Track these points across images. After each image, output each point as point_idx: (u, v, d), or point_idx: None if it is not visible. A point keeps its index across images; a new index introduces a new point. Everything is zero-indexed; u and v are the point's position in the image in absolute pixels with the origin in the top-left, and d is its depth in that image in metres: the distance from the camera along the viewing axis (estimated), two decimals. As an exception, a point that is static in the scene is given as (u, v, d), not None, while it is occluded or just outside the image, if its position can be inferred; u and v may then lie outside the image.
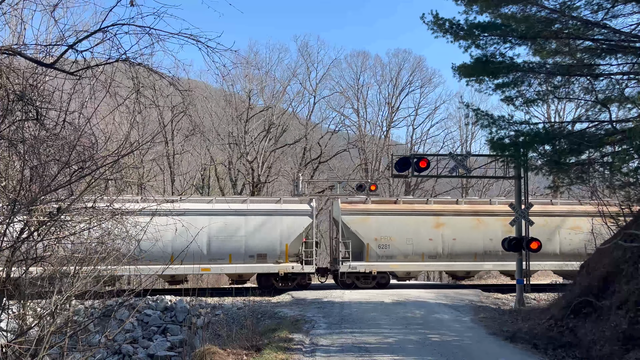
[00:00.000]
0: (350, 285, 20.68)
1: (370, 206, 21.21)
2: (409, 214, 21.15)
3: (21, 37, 11.43)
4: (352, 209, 21.12)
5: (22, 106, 7.23)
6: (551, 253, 21.18)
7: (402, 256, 20.78)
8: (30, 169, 7.13)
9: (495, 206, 21.79)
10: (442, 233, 21.00)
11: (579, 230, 20.98)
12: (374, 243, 20.65)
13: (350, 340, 11.74)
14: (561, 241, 21.53)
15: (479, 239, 21.17)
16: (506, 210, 21.25)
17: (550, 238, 21.24)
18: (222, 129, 39.06)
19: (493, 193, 44.28)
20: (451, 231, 21.07)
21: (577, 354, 10.32)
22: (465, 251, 21.10)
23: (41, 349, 6.17)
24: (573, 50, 13.30)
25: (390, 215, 20.97)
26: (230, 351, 10.74)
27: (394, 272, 21.75)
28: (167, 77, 7.88)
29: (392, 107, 45.08)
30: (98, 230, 8.04)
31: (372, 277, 20.74)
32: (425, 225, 21.03)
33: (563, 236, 21.53)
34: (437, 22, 13.44)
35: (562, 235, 21.55)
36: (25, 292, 7.23)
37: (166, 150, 35.90)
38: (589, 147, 12.77)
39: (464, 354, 10.46)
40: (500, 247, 20.92)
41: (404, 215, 21.06)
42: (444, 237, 21.00)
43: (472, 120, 28.25)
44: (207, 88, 39.65)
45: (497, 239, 20.73)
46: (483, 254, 21.18)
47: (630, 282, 10.53)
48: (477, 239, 21.18)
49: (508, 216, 21.06)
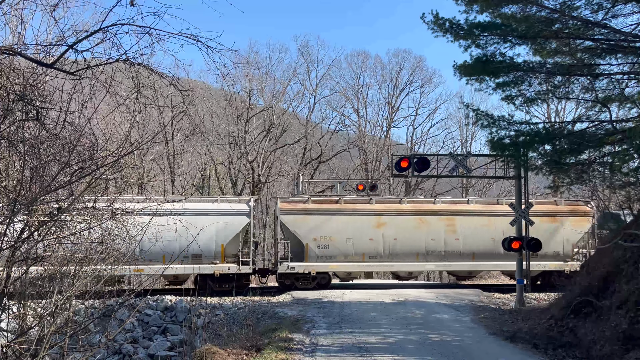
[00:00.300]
0: (289, 287, 20.21)
1: (310, 205, 20.72)
2: (350, 213, 20.69)
3: (21, 37, 11.41)
4: (292, 209, 20.65)
5: (23, 106, 7.23)
6: (495, 253, 20.83)
7: (342, 256, 20.38)
8: (31, 169, 7.13)
9: (438, 205, 21.45)
10: (383, 233, 20.56)
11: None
12: (313, 243, 20.20)
13: (350, 340, 11.74)
14: None
15: (421, 238, 20.80)
16: (450, 210, 21.26)
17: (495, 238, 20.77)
18: (222, 129, 39.06)
19: (493, 193, 44.27)
20: (392, 231, 20.65)
21: (577, 353, 10.32)
22: (406, 251, 20.70)
23: (41, 349, 6.17)
24: (573, 50, 13.30)
25: (330, 215, 20.53)
26: (230, 351, 10.75)
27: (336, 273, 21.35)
28: (167, 77, 7.89)
29: (392, 107, 45.09)
30: (98, 230, 8.04)
31: (311, 277, 20.31)
32: (366, 224, 20.60)
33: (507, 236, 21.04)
34: (437, 22, 13.45)
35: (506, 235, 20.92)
36: (25, 292, 7.23)
37: (166, 150, 35.91)
38: (589, 147, 12.77)
39: (464, 354, 10.46)
40: (443, 247, 20.94)
41: (344, 214, 20.61)
42: (385, 237, 20.56)
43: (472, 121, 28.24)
44: (207, 88, 39.67)
45: (440, 238, 20.66)
46: (425, 254, 20.82)
47: (630, 282, 10.54)
48: (419, 239, 20.80)
49: (451, 215, 21.12)
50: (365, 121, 45.14)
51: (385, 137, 44.73)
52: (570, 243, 21.10)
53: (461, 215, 21.22)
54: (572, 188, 21.70)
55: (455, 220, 21.11)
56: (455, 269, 22.09)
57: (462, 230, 20.94)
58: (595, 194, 19.08)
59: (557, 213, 21.47)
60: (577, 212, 21.56)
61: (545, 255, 20.83)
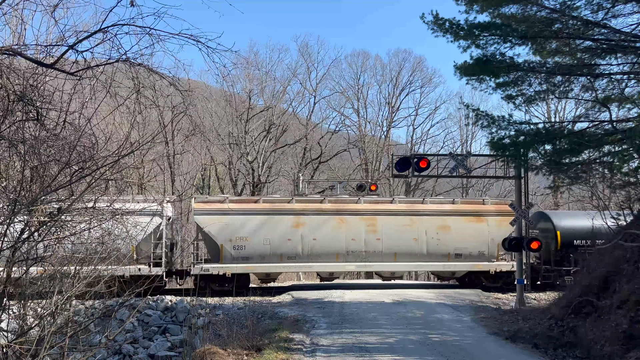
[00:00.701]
0: (204, 288, 19.35)
1: (227, 205, 20.08)
2: (268, 213, 20.07)
3: (21, 37, 11.43)
4: (207, 209, 19.98)
5: (23, 106, 7.24)
6: (418, 253, 20.55)
7: (259, 257, 19.68)
8: (31, 169, 7.14)
9: (360, 205, 20.91)
10: (302, 233, 19.98)
11: (447, 230, 20.57)
12: (229, 244, 19.48)
13: (350, 340, 11.74)
14: (428, 241, 20.65)
15: (341, 238, 20.20)
16: (372, 209, 20.71)
17: (417, 238, 20.61)
18: (223, 129, 39.07)
19: (493, 193, 44.26)
20: (312, 231, 20.09)
21: (578, 353, 10.32)
22: (326, 251, 20.13)
23: (42, 349, 6.18)
24: (573, 50, 13.31)
25: (247, 215, 19.93)
26: (230, 351, 10.75)
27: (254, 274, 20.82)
28: (167, 77, 7.90)
29: (392, 107, 45.09)
30: (98, 231, 8.05)
31: (227, 279, 19.64)
32: (285, 225, 19.98)
33: (430, 236, 20.67)
34: (437, 22, 13.45)
35: (429, 235, 20.69)
36: (25, 292, 7.24)
37: (166, 150, 35.90)
38: (589, 147, 12.77)
39: (465, 353, 10.46)
40: (363, 247, 20.34)
41: (262, 214, 19.98)
42: (304, 237, 19.97)
43: (472, 121, 28.28)
44: (207, 88, 39.68)
45: (360, 238, 20.19)
46: (346, 254, 20.32)
47: (631, 282, 10.54)
48: (339, 239, 20.18)
49: (373, 215, 20.59)
50: (365, 121, 45.19)
51: (386, 137, 44.74)
52: (496, 243, 20.53)
53: (383, 214, 20.63)
54: (572, 188, 21.63)
55: (377, 219, 20.54)
56: (377, 270, 21.65)
57: (384, 230, 20.42)
58: (595, 194, 19.02)
59: (483, 212, 21.13)
60: (502, 212, 21.05)
61: (470, 256, 20.58)
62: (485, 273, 20.79)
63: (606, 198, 19.79)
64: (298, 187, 24.62)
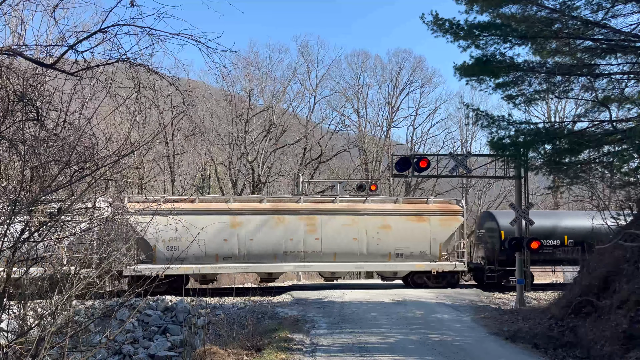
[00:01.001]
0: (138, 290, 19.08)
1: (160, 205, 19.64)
2: (204, 213, 19.44)
3: (21, 37, 11.43)
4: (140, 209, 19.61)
5: (23, 107, 7.24)
6: (357, 253, 20.31)
7: (193, 258, 18.80)
8: (31, 170, 7.13)
9: (299, 204, 20.58)
10: (239, 233, 19.63)
11: (389, 229, 20.39)
12: (162, 244, 18.90)
13: (350, 340, 11.74)
14: (368, 241, 20.42)
15: (279, 239, 19.85)
16: (311, 209, 20.37)
17: (357, 238, 20.34)
18: (223, 129, 39.07)
19: (493, 193, 44.27)
20: (249, 231, 19.75)
21: (578, 353, 10.32)
22: (263, 252, 19.79)
23: (42, 349, 6.18)
24: (573, 50, 13.31)
25: (183, 215, 18.91)
26: (230, 351, 10.75)
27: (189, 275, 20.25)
28: (167, 77, 7.90)
29: (392, 107, 45.09)
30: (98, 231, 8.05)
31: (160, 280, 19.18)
32: (221, 224, 19.49)
33: (371, 235, 20.43)
34: (437, 22, 13.45)
35: (369, 234, 20.43)
36: (25, 292, 7.24)
37: (166, 150, 35.90)
38: (589, 146, 12.77)
39: (465, 353, 10.46)
40: (302, 247, 20.01)
41: (198, 214, 19.22)
42: (240, 237, 19.55)
43: (472, 121, 28.27)
44: (207, 88, 39.67)
45: (299, 238, 19.89)
46: (284, 255, 20.01)
47: (631, 282, 10.54)
48: (277, 239, 19.83)
49: (312, 214, 20.24)
50: (365, 121, 45.18)
51: (386, 137, 44.73)
52: (438, 243, 20.55)
53: (323, 214, 20.28)
54: (571, 188, 21.62)
55: (316, 219, 20.23)
56: (315, 270, 21.42)
57: (324, 229, 20.13)
58: (595, 194, 19.01)
59: (425, 212, 20.93)
60: (445, 211, 21.02)
61: (412, 255, 20.40)
62: (428, 273, 20.62)
63: (606, 198, 19.79)
64: (298, 187, 24.62)
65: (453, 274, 20.90)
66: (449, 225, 21.00)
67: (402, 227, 20.45)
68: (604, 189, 18.46)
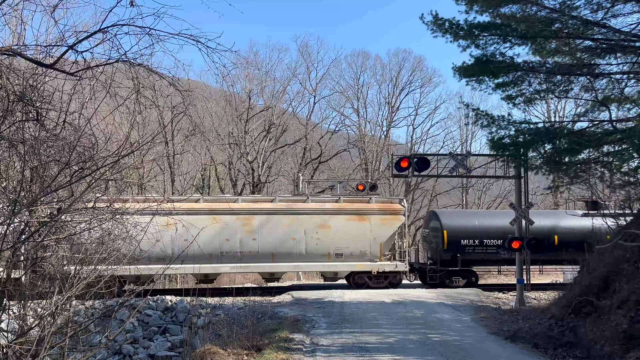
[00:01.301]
0: None
1: None
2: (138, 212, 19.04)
3: (21, 37, 11.45)
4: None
5: (22, 107, 7.23)
6: (296, 254, 20.07)
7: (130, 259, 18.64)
8: (31, 170, 7.13)
9: (237, 204, 20.37)
10: (172, 233, 18.94)
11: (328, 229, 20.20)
12: None
13: (350, 340, 11.74)
14: (307, 241, 20.17)
15: (214, 239, 19.33)
16: (248, 209, 20.02)
17: (296, 238, 20.04)
18: (222, 129, 39.08)
19: (493, 193, 44.27)
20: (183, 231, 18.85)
21: (578, 353, 10.32)
22: (198, 253, 18.77)
23: (42, 349, 6.18)
24: (573, 50, 13.32)
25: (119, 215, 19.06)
26: (230, 351, 10.75)
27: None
28: (167, 77, 7.89)
29: (392, 107, 45.07)
30: (98, 231, 8.05)
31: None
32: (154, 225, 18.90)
33: (310, 235, 20.18)
34: (436, 22, 13.46)
35: (308, 234, 20.19)
36: (25, 292, 7.24)
37: (166, 150, 35.90)
38: (589, 146, 12.78)
39: (465, 353, 10.47)
40: (238, 248, 19.64)
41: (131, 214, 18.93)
42: (174, 238, 18.97)
43: (472, 120, 28.27)
44: (207, 88, 39.68)
45: (235, 239, 19.61)
46: (220, 255, 19.68)
47: (631, 282, 10.53)
48: (212, 240, 19.27)
49: (249, 214, 19.89)
50: (365, 121, 45.17)
51: (385, 137, 44.73)
52: (378, 243, 20.34)
53: (261, 214, 20.03)
54: (571, 188, 21.62)
55: (254, 219, 19.97)
56: (253, 271, 21.13)
57: (261, 229, 19.89)
58: (595, 194, 19.00)
59: (365, 211, 20.72)
60: (386, 211, 20.81)
61: (352, 256, 20.21)
62: (369, 273, 20.47)
63: (606, 198, 19.79)
64: (298, 187, 24.60)
65: (395, 274, 20.71)
66: (390, 224, 20.75)
67: (342, 227, 20.23)
68: (604, 189, 18.45)
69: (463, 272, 21.34)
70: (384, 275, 20.64)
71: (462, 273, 21.33)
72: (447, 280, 21.13)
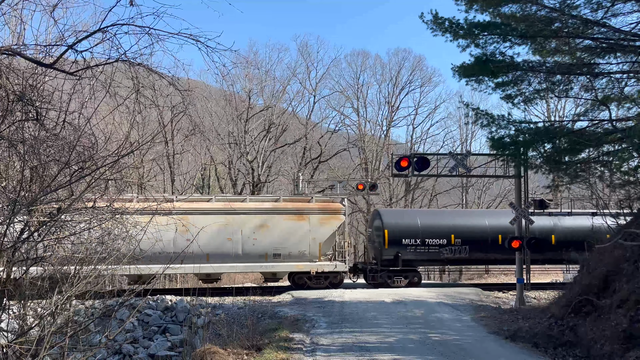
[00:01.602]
0: None
1: None
2: None
3: (21, 37, 11.41)
4: None
5: (22, 106, 7.23)
6: (232, 254, 19.78)
7: None
8: (31, 169, 7.13)
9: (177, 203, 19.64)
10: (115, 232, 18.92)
11: (266, 229, 19.97)
12: None
13: (350, 339, 11.74)
14: (244, 241, 19.95)
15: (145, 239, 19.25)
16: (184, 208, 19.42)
17: (232, 238, 19.72)
18: (222, 129, 39.07)
19: (493, 192, 44.24)
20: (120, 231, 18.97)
21: (578, 352, 10.32)
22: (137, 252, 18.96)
23: (42, 349, 6.17)
24: (573, 49, 13.31)
25: None
26: (230, 351, 10.75)
27: None
28: (166, 77, 7.89)
29: (392, 107, 45.05)
30: (98, 230, 8.05)
31: None
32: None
33: (246, 236, 19.94)
34: (436, 21, 13.45)
35: (245, 234, 19.91)
36: (25, 292, 7.23)
37: (166, 150, 35.91)
38: (589, 145, 12.78)
39: (465, 353, 10.46)
40: (172, 248, 19.22)
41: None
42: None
43: (471, 120, 28.27)
44: (207, 88, 39.67)
45: (169, 239, 19.05)
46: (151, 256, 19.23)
47: (631, 281, 10.53)
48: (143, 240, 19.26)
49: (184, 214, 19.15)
50: (365, 120, 45.14)
51: (385, 136, 44.72)
52: (318, 242, 20.04)
53: (196, 213, 19.48)
54: (570, 187, 21.60)
55: (188, 219, 19.16)
56: (186, 272, 20.84)
57: (196, 230, 19.80)
58: (595, 193, 18.97)
59: (304, 211, 20.42)
60: (326, 210, 20.54)
61: (290, 256, 19.88)
62: (307, 273, 20.24)
63: (606, 197, 19.79)
64: (298, 187, 24.61)
65: (336, 274, 20.48)
66: (330, 224, 20.48)
67: (281, 227, 19.98)
68: (604, 188, 18.45)
69: (406, 271, 21.05)
70: (324, 275, 20.35)
71: (404, 272, 21.03)
72: (388, 280, 20.81)
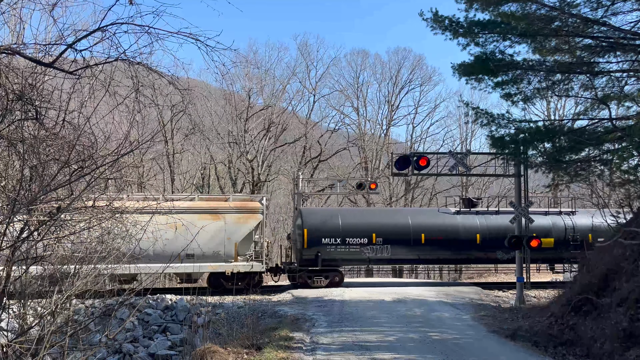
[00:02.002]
0: None
1: None
2: None
3: (20, 36, 11.43)
4: None
5: (22, 106, 7.23)
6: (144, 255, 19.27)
7: None
8: (30, 169, 7.13)
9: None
10: None
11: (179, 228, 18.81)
12: None
13: (350, 338, 11.74)
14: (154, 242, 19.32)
15: None
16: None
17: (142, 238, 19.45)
18: (222, 128, 39.06)
19: (493, 191, 44.19)
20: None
21: (578, 351, 10.33)
22: None
23: (42, 348, 6.18)
24: (573, 48, 13.29)
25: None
26: (230, 350, 10.75)
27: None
28: (166, 76, 7.89)
29: (392, 106, 45.05)
30: (98, 230, 8.05)
31: None
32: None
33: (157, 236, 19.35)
34: (436, 20, 13.44)
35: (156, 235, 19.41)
36: (25, 291, 7.24)
37: (166, 149, 35.92)
38: (589, 144, 12.77)
39: (465, 352, 10.47)
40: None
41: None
42: None
43: (471, 119, 28.24)
44: (207, 87, 39.63)
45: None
46: None
47: (631, 280, 10.54)
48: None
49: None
50: (365, 120, 45.14)
51: (385, 135, 44.72)
52: (233, 242, 19.65)
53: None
54: (570, 186, 21.59)
55: None
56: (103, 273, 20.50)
57: None
58: (595, 192, 18.95)
59: (220, 210, 20.06)
60: (243, 209, 20.23)
61: (204, 256, 19.08)
62: (222, 274, 19.84)
63: (605, 196, 19.79)
64: (298, 186, 24.61)
65: (254, 275, 20.14)
66: (246, 223, 20.10)
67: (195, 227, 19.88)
68: (604, 187, 18.44)
69: (326, 271, 20.68)
70: (242, 276, 19.96)
71: (324, 272, 20.65)
72: (309, 280, 20.43)
